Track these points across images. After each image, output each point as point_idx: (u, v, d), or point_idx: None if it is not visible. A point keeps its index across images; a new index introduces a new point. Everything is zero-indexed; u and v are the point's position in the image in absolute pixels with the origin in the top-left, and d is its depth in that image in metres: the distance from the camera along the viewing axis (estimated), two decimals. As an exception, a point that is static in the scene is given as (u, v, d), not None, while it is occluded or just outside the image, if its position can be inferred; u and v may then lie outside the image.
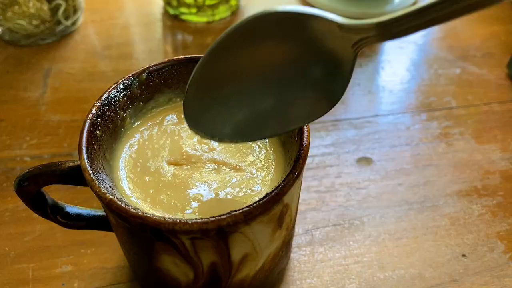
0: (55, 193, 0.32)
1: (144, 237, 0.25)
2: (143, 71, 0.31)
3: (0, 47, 0.57)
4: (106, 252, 0.38)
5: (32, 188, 0.28)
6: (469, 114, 0.50)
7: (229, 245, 0.25)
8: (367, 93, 0.52)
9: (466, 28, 0.62)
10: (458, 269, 0.37)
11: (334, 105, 0.23)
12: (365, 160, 0.45)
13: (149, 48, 0.58)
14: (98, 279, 0.36)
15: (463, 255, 0.38)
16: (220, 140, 0.26)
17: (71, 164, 0.27)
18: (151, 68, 0.31)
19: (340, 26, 0.20)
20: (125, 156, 0.30)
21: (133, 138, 0.31)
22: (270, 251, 0.28)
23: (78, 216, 0.31)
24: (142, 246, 0.26)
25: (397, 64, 0.56)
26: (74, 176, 0.27)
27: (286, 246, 0.31)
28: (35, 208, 0.30)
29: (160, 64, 0.31)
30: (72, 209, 0.31)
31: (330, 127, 0.48)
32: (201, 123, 0.25)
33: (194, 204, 0.27)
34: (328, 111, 0.24)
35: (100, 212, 0.32)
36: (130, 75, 0.30)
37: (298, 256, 0.38)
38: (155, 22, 0.63)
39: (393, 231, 0.39)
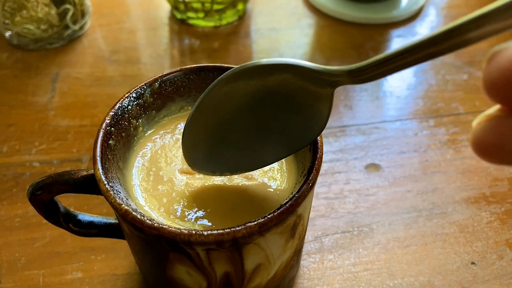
0: (65, 198, 0.32)
1: (159, 248, 0.25)
2: (155, 80, 0.31)
3: (8, 51, 0.57)
4: (116, 258, 0.38)
5: (45, 197, 0.28)
6: (477, 120, 0.50)
7: (243, 256, 0.25)
8: (375, 98, 0.52)
9: (473, 33, 0.62)
10: (467, 277, 0.37)
11: (319, 134, 0.26)
12: (373, 167, 0.45)
13: (156, 52, 0.58)
14: (109, 286, 0.36)
15: (472, 263, 0.38)
16: (221, 174, 0.28)
17: (84, 173, 0.27)
18: (163, 77, 0.31)
19: (314, 71, 0.23)
20: (138, 165, 0.30)
21: (146, 147, 0.31)
22: (282, 260, 0.28)
23: (90, 224, 0.31)
24: (156, 256, 0.26)
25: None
26: (88, 185, 0.27)
27: (297, 254, 0.31)
28: (47, 216, 0.30)
29: (172, 73, 0.31)
30: (84, 216, 0.32)
31: (338, 133, 0.48)
32: (201, 163, 0.28)
33: (207, 214, 0.27)
34: (315, 138, 0.26)
35: (112, 220, 0.32)
36: (143, 84, 0.30)
37: (308, 263, 0.38)
38: (162, 26, 0.63)
39: (402, 238, 0.40)
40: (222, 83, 0.24)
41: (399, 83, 0.55)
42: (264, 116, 0.25)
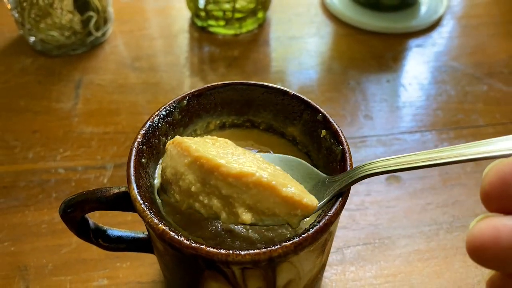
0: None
1: (194, 266, 0.26)
2: (184, 97, 0.31)
3: (32, 57, 0.58)
4: (141, 266, 0.38)
5: (77, 215, 0.29)
6: (497, 133, 0.50)
7: (276, 273, 0.25)
8: (395, 109, 0.53)
9: (493, 43, 0.62)
10: (488, 291, 0.37)
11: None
12: (394, 179, 0.45)
13: (177, 60, 0.59)
14: (135, 294, 0.37)
15: (493, 277, 0.38)
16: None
17: (116, 190, 0.28)
18: (191, 94, 0.32)
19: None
20: None
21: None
22: (311, 275, 0.29)
23: (119, 239, 0.32)
24: (189, 273, 0.27)
25: (424, 80, 0.57)
26: (120, 203, 0.28)
27: (323, 268, 0.32)
28: (78, 233, 0.30)
29: (199, 90, 0.32)
30: (113, 231, 0.32)
31: (359, 143, 0.48)
32: None
33: (237, 229, 0.28)
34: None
35: (140, 234, 0.33)
36: (172, 101, 0.31)
37: (330, 274, 0.38)
38: (182, 33, 0.63)
39: (423, 251, 0.40)
40: None
41: (419, 93, 0.55)
42: None
